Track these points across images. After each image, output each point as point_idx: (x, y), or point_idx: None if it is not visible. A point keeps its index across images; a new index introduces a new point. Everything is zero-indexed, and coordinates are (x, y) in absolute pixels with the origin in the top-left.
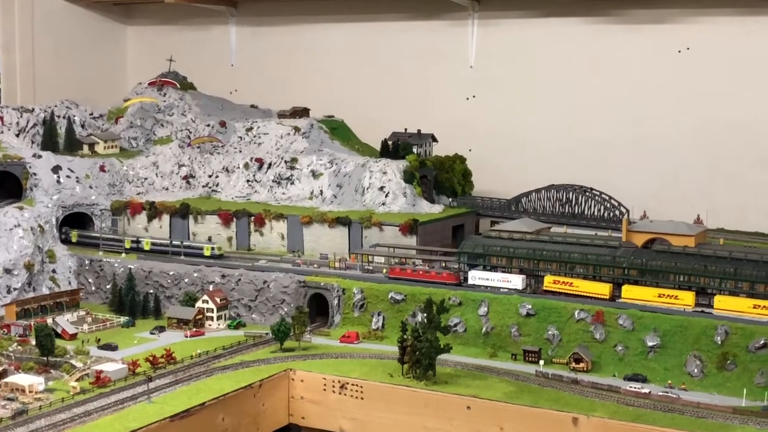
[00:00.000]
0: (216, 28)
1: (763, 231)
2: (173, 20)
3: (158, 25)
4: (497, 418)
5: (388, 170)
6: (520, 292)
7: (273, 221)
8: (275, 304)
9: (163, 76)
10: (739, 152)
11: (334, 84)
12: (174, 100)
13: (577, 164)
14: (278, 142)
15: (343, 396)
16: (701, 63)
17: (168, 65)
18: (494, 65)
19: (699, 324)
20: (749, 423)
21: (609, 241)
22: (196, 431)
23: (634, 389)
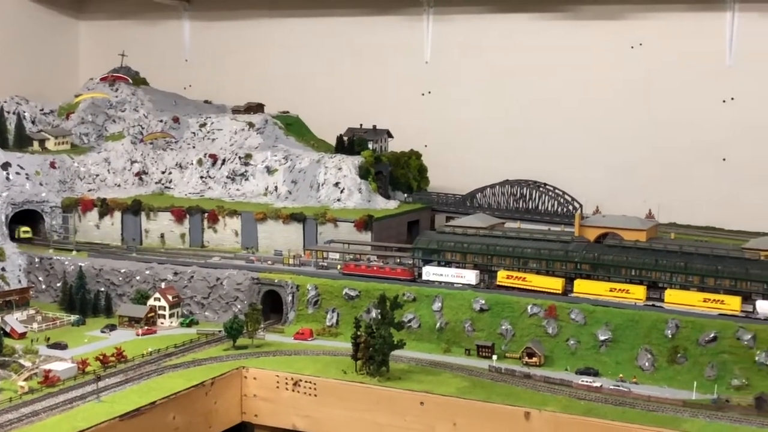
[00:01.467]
0: (169, 23)
1: (714, 225)
2: (126, 15)
3: (111, 20)
4: (450, 414)
5: (344, 166)
6: (473, 288)
7: (227, 218)
8: (228, 301)
9: (115, 71)
10: (690, 147)
11: (289, 79)
12: (126, 96)
13: (531, 160)
14: (232, 137)
15: (296, 393)
16: (653, 59)
17: (120, 60)
18: (449, 61)
19: (650, 318)
20: (699, 416)
21: (562, 236)
22: (147, 430)
23: (585, 383)
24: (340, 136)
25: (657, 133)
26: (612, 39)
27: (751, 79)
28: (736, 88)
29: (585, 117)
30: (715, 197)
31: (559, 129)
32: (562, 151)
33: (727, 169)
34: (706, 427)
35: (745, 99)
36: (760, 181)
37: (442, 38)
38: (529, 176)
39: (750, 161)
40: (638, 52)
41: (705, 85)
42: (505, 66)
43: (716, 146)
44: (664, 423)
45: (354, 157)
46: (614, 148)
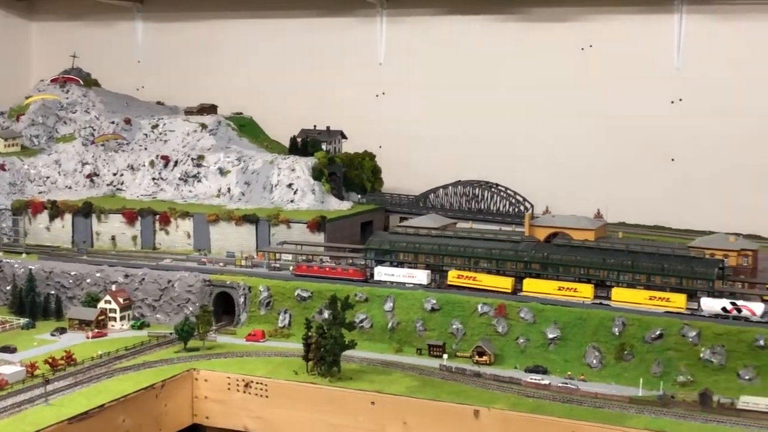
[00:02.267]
0: (122, 23)
1: (662, 224)
2: (78, 16)
3: (63, 21)
4: (401, 413)
5: (297, 167)
6: (425, 287)
7: (179, 219)
8: (180, 303)
9: (67, 72)
10: (639, 148)
11: (242, 81)
12: (77, 97)
13: (484, 160)
14: (185, 139)
15: (247, 395)
16: (602, 61)
17: (71, 62)
18: (403, 62)
19: (597, 316)
20: (645, 412)
21: (512, 235)
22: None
23: (534, 381)
24: (293, 137)
25: (607, 134)
26: (562, 41)
27: (699, 81)
28: (683, 90)
29: (536, 118)
30: (664, 197)
31: (510, 130)
32: (514, 151)
33: (675, 169)
34: (651, 423)
35: (692, 100)
36: (707, 181)
37: (396, 40)
38: (481, 177)
39: (697, 161)
40: (588, 54)
41: (653, 86)
42: (458, 67)
43: (664, 147)
44: (611, 420)
45: (307, 158)
46: (565, 149)
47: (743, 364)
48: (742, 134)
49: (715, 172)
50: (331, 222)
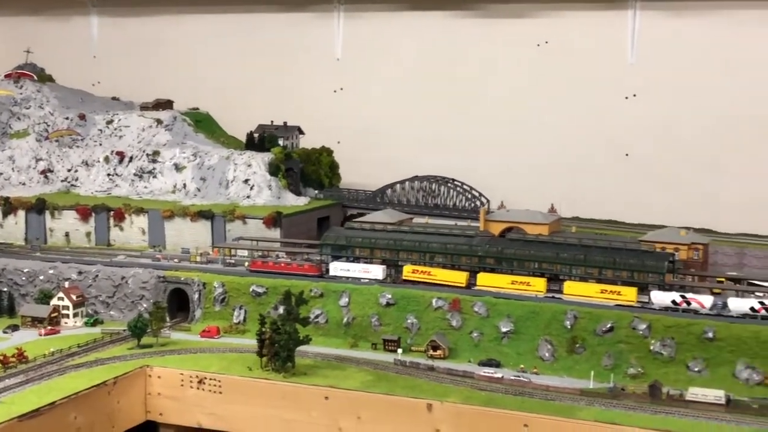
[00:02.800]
0: (77, 18)
1: (616, 219)
2: (32, 10)
3: (17, 16)
4: (354, 408)
5: (253, 163)
6: (380, 282)
7: (133, 216)
8: (134, 300)
9: (20, 68)
10: (594, 143)
11: (199, 76)
12: (31, 93)
13: (441, 155)
14: (140, 134)
15: (201, 391)
16: (558, 56)
17: (25, 57)
18: (360, 58)
19: (550, 309)
20: (595, 404)
21: (466, 230)
22: (47, 431)
23: (487, 374)
24: (250, 132)
25: (562, 130)
26: (519, 37)
27: (653, 76)
28: (638, 85)
29: (493, 114)
30: (618, 192)
31: (467, 125)
32: (471, 146)
33: (629, 164)
34: (601, 414)
35: (647, 96)
36: (661, 176)
37: (353, 35)
38: (438, 172)
39: (651, 157)
40: (544, 50)
41: (608, 82)
42: (415, 63)
43: (619, 142)
44: (562, 412)
45: (264, 153)
46: (521, 144)
47: (692, 356)
48: (695, 129)
49: (668, 167)
50: (287, 217)
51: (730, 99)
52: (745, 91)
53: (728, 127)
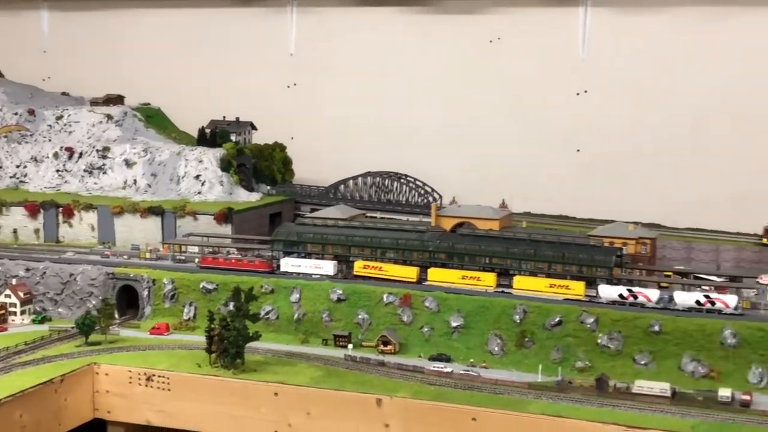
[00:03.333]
0: (27, 13)
1: (567, 214)
2: None
3: None
4: (304, 403)
5: (204, 158)
6: (331, 278)
7: (83, 212)
8: (83, 297)
9: None
10: (546, 139)
11: (151, 71)
12: None
13: (395, 151)
14: (90, 130)
15: (149, 388)
16: (510, 52)
17: None
18: (314, 53)
19: (500, 304)
20: (543, 397)
21: (418, 226)
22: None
23: (437, 369)
24: (202, 128)
25: (515, 125)
26: (471, 33)
27: (604, 72)
28: (589, 81)
29: (446, 109)
30: (569, 187)
31: (421, 121)
32: (424, 142)
33: (580, 159)
34: (548, 407)
35: (597, 91)
36: (611, 171)
37: (307, 30)
38: (392, 168)
39: (602, 152)
40: (496, 45)
41: (560, 78)
42: (369, 59)
43: (570, 137)
44: (510, 405)
45: (216, 149)
46: (474, 140)
47: (639, 349)
48: (645, 125)
49: (618, 162)
50: (238, 213)
51: (678, 95)
52: (693, 88)
53: (676, 123)
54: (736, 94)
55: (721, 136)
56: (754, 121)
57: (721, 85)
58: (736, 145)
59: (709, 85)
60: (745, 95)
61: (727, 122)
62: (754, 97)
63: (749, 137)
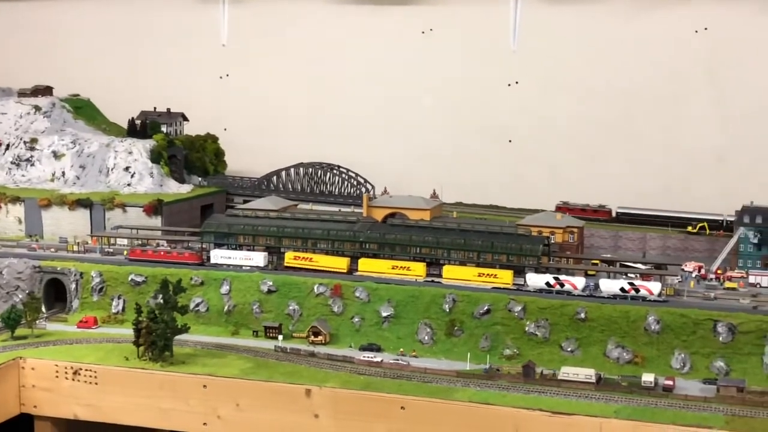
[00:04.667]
0: None
1: (498, 204)
2: None
3: None
4: (233, 395)
5: (134, 150)
6: (261, 269)
7: (9, 205)
8: (9, 291)
9: None
10: (479, 129)
11: (81, 62)
12: None
13: (328, 142)
14: (17, 122)
15: (76, 382)
16: (443, 44)
17: None
18: (246, 44)
19: (429, 293)
20: (470, 385)
21: (348, 216)
22: None
23: (367, 359)
24: (132, 119)
25: (447, 116)
26: (405, 24)
27: (534, 64)
28: (520, 73)
29: (380, 100)
30: (500, 177)
31: (354, 112)
32: (357, 133)
33: (512, 150)
34: (476, 395)
35: (528, 83)
36: (541, 161)
37: (239, 20)
38: (325, 159)
39: (533, 142)
40: (429, 37)
41: (492, 69)
42: (302, 49)
43: (502, 128)
44: (438, 393)
45: (146, 140)
46: (407, 131)
47: (566, 336)
48: (575, 114)
49: (547, 152)
50: (168, 205)
51: (607, 85)
52: (622, 78)
53: (606, 113)
54: (663, 82)
55: (649, 125)
56: (680, 109)
57: (648, 75)
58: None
59: (637, 75)
60: (671, 83)
61: (655, 110)
62: (679, 85)
63: (677, 125)
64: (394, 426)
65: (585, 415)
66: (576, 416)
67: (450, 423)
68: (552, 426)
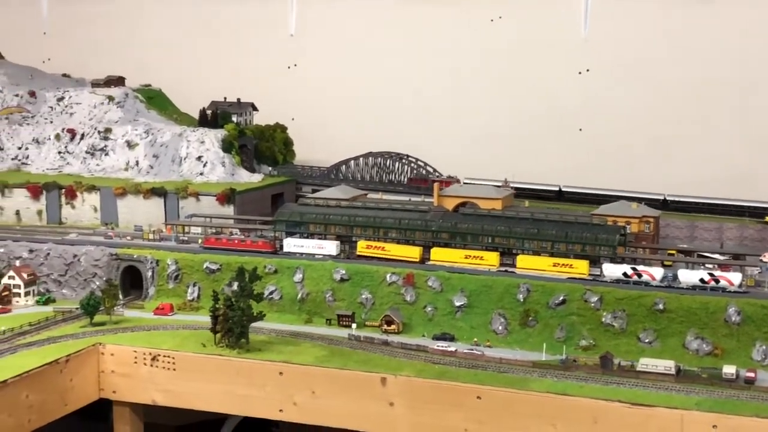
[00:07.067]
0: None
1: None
2: None
3: None
4: (308, 382)
5: (206, 140)
6: (334, 258)
7: (85, 193)
8: (86, 278)
9: None
10: (548, 118)
11: (152, 53)
12: None
13: (396, 131)
14: (91, 112)
15: (154, 368)
16: (512, 32)
17: None
18: (315, 34)
19: (503, 283)
20: (547, 376)
21: (420, 206)
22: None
23: (441, 348)
24: (203, 109)
25: (516, 105)
26: (472, 12)
27: (605, 52)
28: (591, 61)
29: (448, 89)
30: (571, 166)
31: (422, 101)
32: (426, 122)
33: (582, 138)
34: (553, 386)
35: (599, 70)
36: (613, 150)
37: (307, 11)
38: (393, 148)
39: (604, 131)
40: (497, 25)
41: (562, 57)
42: (370, 39)
43: (572, 117)
44: (514, 384)
45: (217, 130)
46: (475, 120)
47: (643, 327)
48: (648, 104)
49: (620, 141)
50: (240, 194)
51: (682, 73)
52: (697, 65)
53: (680, 101)
54: (740, 70)
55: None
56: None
57: (725, 62)
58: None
59: (714, 62)
60: (749, 71)
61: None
62: (758, 72)
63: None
64: (470, 415)
65: (665, 407)
66: (656, 408)
67: (527, 413)
68: (631, 417)
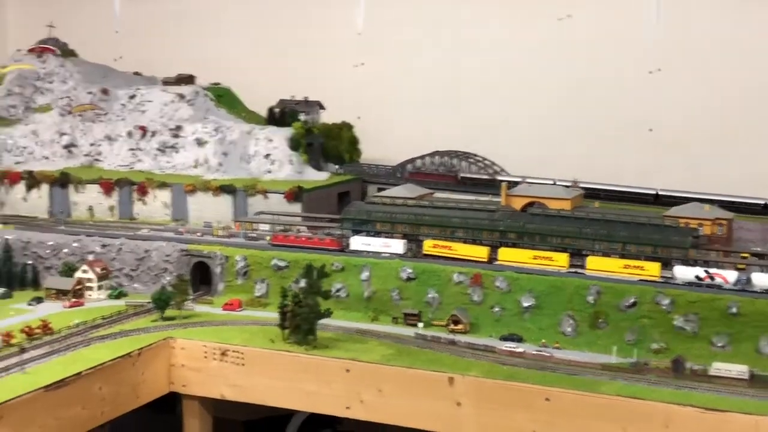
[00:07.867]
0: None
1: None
2: None
3: None
4: (376, 380)
5: (274, 138)
6: (401, 257)
7: (156, 190)
8: (157, 273)
9: (43, 42)
10: (617, 118)
11: (221, 51)
12: (54, 67)
13: (462, 130)
14: (162, 109)
15: (224, 363)
16: (581, 30)
17: (48, 31)
18: (382, 32)
19: (572, 284)
20: (618, 379)
21: (488, 205)
22: (73, 401)
23: (509, 349)
24: (271, 107)
25: (585, 104)
26: (541, 11)
27: (677, 51)
28: (662, 60)
29: (514, 88)
30: (641, 166)
31: (489, 100)
32: (493, 121)
33: (653, 139)
34: (623, 389)
35: (671, 70)
36: (685, 152)
37: (375, 9)
38: (459, 147)
39: (675, 132)
40: (566, 23)
41: (632, 56)
42: (437, 37)
43: (642, 117)
44: (584, 386)
45: (285, 128)
46: (543, 119)
47: (716, 331)
48: (721, 104)
49: (692, 143)
50: (308, 192)
51: (754, 70)
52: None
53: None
54: None
55: None
56: None
57: None
58: None
59: None
60: None
61: None
62: None
63: None
64: (538, 417)
65: (739, 412)
66: (730, 413)
67: (596, 416)
68: (705, 422)
